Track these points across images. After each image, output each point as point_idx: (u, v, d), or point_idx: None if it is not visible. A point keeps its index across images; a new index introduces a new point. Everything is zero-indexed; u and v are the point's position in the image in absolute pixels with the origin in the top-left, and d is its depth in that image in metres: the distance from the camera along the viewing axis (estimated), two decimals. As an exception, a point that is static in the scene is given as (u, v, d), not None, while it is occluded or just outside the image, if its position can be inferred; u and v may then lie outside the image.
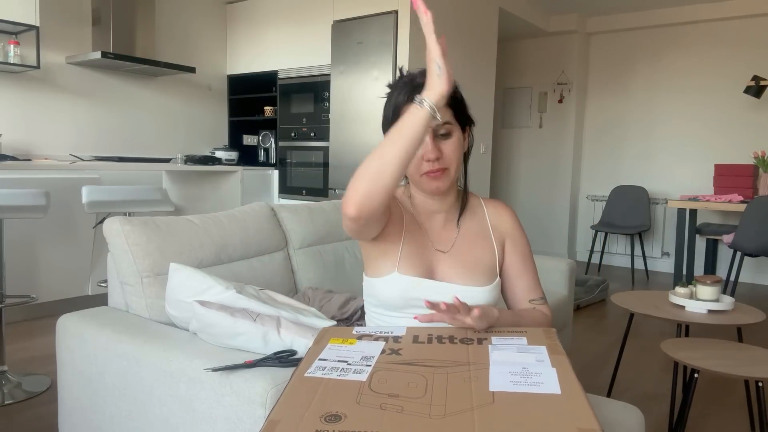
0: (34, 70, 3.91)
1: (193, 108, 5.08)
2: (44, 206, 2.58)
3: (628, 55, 6.02)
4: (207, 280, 1.38)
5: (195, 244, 1.64)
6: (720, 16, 5.40)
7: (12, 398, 2.36)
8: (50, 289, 3.55)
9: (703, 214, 5.54)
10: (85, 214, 3.63)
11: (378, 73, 4.11)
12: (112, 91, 4.50)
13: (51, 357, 2.81)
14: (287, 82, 4.83)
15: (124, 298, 1.59)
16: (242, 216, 1.85)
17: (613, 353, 3.19)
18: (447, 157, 1.18)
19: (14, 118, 3.95)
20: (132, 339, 1.38)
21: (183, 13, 4.94)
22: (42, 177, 3.46)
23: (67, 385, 1.54)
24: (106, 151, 4.45)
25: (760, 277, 5.45)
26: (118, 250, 1.55)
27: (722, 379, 2.80)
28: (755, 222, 3.90)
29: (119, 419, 1.39)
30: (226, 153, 4.83)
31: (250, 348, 1.29)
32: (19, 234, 3.39)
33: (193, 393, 1.22)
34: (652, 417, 2.36)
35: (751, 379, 1.74)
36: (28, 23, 3.65)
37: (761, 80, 5.04)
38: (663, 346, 1.98)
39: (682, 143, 5.77)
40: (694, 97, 5.67)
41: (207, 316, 1.29)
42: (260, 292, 1.48)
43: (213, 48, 5.21)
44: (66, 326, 1.53)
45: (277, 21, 4.89)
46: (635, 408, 1.41)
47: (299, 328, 1.30)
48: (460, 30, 4.55)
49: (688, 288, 2.29)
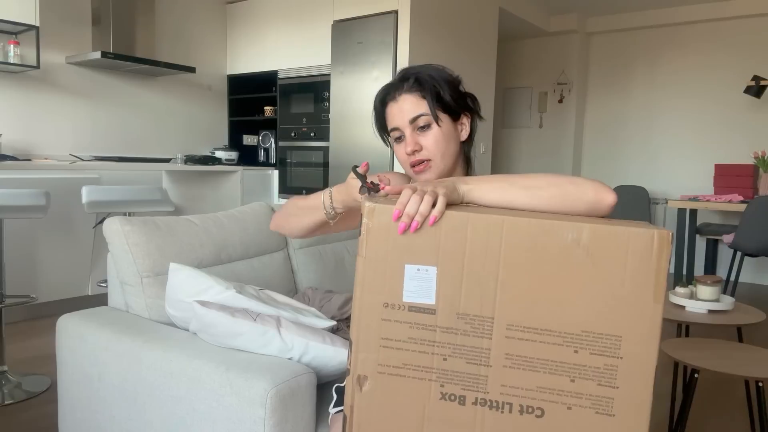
0: (34, 70, 3.91)
1: (193, 108, 5.08)
2: (44, 206, 2.58)
3: (628, 55, 6.01)
4: (207, 280, 1.38)
5: (195, 244, 1.64)
6: (720, 16, 5.40)
7: (12, 398, 2.36)
8: (50, 289, 3.55)
9: (703, 214, 5.53)
10: (85, 214, 3.62)
11: (378, 73, 4.11)
12: (112, 91, 4.49)
13: (51, 357, 2.81)
14: (287, 82, 4.83)
15: (124, 298, 1.59)
16: (242, 216, 1.85)
17: (613, 353, 3.18)
18: (428, 148, 1.18)
19: (14, 118, 3.94)
20: (132, 339, 1.38)
21: (183, 13, 4.94)
22: (42, 177, 3.46)
23: (67, 385, 1.54)
24: (106, 151, 4.44)
25: (760, 277, 5.45)
26: (118, 250, 1.54)
27: (722, 379, 2.80)
28: (755, 222, 3.90)
29: (119, 419, 1.39)
30: (226, 153, 4.83)
31: (250, 348, 1.28)
32: (19, 234, 3.39)
33: (193, 393, 1.22)
34: (652, 417, 2.36)
35: (751, 379, 1.74)
36: (28, 23, 3.65)
37: (761, 80, 5.04)
38: (663, 346, 1.98)
39: (682, 143, 5.76)
40: (694, 97, 5.67)
41: (207, 316, 1.29)
42: (260, 292, 1.47)
43: (213, 48, 5.21)
44: (66, 326, 1.53)
45: (277, 21, 4.88)
46: (635, 408, 1.41)
47: (299, 328, 1.30)
48: (460, 30, 4.55)
49: (688, 288, 2.29)
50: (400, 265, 0.81)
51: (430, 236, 0.81)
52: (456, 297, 0.81)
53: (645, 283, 0.78)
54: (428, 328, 0.82)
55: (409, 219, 0.81)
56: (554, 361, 0.80)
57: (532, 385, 0.80)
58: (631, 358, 0.79)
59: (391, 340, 0.82)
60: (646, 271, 0.77)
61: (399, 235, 0.81)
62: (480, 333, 0.81)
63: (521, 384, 0.81)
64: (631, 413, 0.80)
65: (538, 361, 0.80)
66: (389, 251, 0.82)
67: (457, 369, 0.82)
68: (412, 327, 0.82)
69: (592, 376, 0.79)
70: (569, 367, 0.80)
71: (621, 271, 0.78)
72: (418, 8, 4.07)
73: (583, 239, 0.78)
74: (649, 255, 0.77)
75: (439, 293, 0.81)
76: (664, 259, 0.77)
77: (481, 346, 0.81)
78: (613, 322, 0.78)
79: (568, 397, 0.80)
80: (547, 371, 0.80)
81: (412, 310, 0.82)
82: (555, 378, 0.80)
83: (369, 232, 0.82)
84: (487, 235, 0.80)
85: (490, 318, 0.80)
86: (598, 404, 0.80)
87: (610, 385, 0.79)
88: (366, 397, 0.84)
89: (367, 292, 0.82)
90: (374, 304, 0.82)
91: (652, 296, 0.78)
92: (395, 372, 0.83)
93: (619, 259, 0.78)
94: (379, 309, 0.82)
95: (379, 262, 0.82)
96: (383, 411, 0.84)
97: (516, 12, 5.29)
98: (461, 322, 0.81)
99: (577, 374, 0.79)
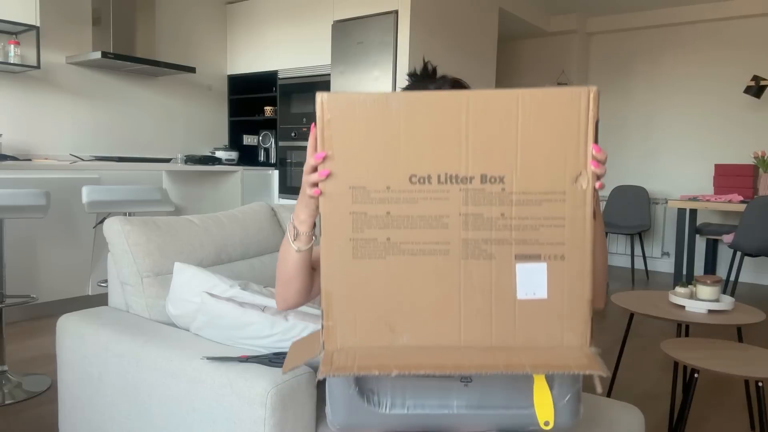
0: (34, 70, 3.91)
1: (193, 108, 5.08)
2: (44, 206, 2.58)
3: (628, 55, 6.01)
4: (211, 278, 1.39)
5: (195, 244, 1.64)
6: (720, 16, 5.40)
7: (12, 398, 2.36)
8: (50, 289, 3.55)
9: (703, 214, 5.53)
10: (85, 214, 3.62)
11: (378, 73, 4.11)
12: (112, 91, 4.50)
13: (51, 357, 2.81)
14: (287, 82, 4.83)
15: (124, 298, 1.59)
16: (242, 216, 1.85)
17: (613, 353, 3.19)
18: None
19: (14, 118, 3.94)
20: (132, 339, 1.38)
21: (183, 13, 4.94)
22: (42, 177, 3.46)
23: (67, 385, 1.54)
24: (106, 151, 4.44)
25: (760, 277, 5.45)
26: (119, 250, 1.55)
27: (722, 379, 2.80)
28: (755, 222, 3.90)
29: (119, 419, 1.39)
30: (226, 153, 4.83)
31: (259, 337, 1.29)
32: (19, 234, 3.39)
33: (193, 393, 1.22)
34: (652, 417, 2.36)
35: (751, 379, 1.74)
36: (28, 23, 3.65)
37: (761, 80, 5.04)
38: (663, 346, 1.98)
39: (682, 143, 5.76)
40: (694, 97, 5.67)
41: (216, 306, 1.30)
42: (264, 290, 1.48)
43: (213, 48, 5.21)
44: (66, 326, 1.54)
45: (277, 21, 4.89)
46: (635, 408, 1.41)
47: (307, 315, 1.30)
48: (460, 30, 4.55)
49: (688, 288, 2.29)
50: None
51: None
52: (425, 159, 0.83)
53: (576, 131, 0.82)
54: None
55: None
56: (504, 216, 0.84)
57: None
58: (573, 198, 0.83)
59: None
60: (576, 120, 0.82)
61: None
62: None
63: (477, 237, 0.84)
64: (577, 256, 0.84)
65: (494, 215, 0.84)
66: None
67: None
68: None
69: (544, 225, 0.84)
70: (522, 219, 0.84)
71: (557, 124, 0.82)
72: (418, 8, 4.07)
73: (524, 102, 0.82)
74: (578, 106, 0.81)
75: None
76: (592, 109, 0.81)
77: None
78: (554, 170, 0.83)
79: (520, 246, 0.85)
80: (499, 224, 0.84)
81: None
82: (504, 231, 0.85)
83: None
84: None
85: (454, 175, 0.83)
86: (553, 251, 0.84)
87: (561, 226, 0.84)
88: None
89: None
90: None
91: (584, 141, 0.82)
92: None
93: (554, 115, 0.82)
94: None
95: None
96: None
97: (516, 12, 5.29)
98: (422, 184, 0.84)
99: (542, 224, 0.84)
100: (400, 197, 0.84)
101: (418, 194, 0.84)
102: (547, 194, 0.83)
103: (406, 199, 0.84)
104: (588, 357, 0.84)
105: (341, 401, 0.97)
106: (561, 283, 0.85)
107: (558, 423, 0.95)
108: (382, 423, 0.97)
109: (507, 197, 0.83)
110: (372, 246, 0.85)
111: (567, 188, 0.83)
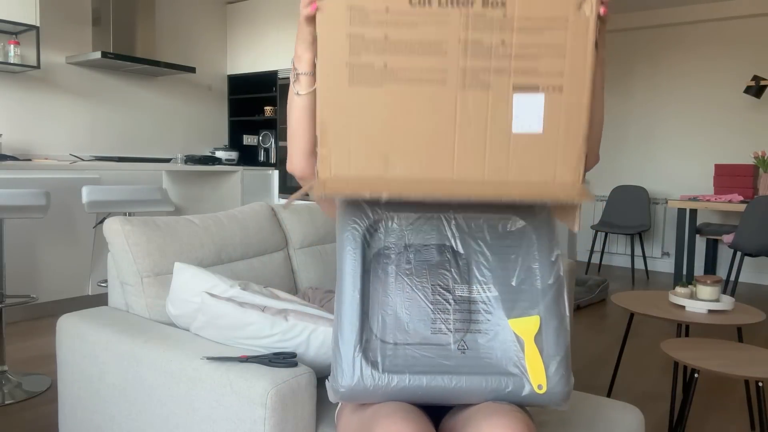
0: (34, 70, 3.91)
1: (193, 108, 5.08)
2: (44, 206, 2.58)
3: (628, 55, 6.01)
4: (212, 278, 1.39)
5: (195, 244, 1.64)
6: (720, 16, 5.40)
7: (12, 398, 2.36)
8: (50, 289, 3.55)
9: (703, 214, 5.53)
10: (85, 214, 3.62)
11: (378, 73, 4.11)
12: (112, 91, 4.50)
13: (51, 357, 2.81)
14: (287, 82, 4.82)
15: (124, 298, 1.59)
16: (242, 216, 1.85)
17: (613, 353, 3.19)
18: None
19: (14, 118, 3.95)
20: (132, 339, 1.38)
21: (183, 13, 4.94)
22: (42, 177, 3.46)
23: (67, 385, 1.54)
24: (106, 151, 4.45)
25: (760, 277, 5.45)
26: (118, 250, 1.55)
27: (722, 379, 2.80)
28: (755, 222, 3.90)
29: (119, 419, 1.39)
30: (226, 153, 4.83)
31: (259, 337, 1.29)
32: (19, 234, 3.39)
33: (193, 393, 1.22)
34: (652, 417, 2.36)
35: (751, 379, 1.74)
36: (28, 23, 3.65)
37: (761, 80, 5.04)
38: (663, 346, 1.98)
39: (682, 143, 5.76)
40: (694, 97, 5.67)
41: (216, 306, 1.30)
42: (264, 290, 1.48)
43: (213, 48, 5.21)
44: (66, 326, 1.54)
45: (277, 21, 4.89)
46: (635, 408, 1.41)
47: (306, 315, 1.30)
48: (460, 30, 4.55)
49: (688, 288, 2.29)
50: None
51: None
52: None
53: None
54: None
55: None
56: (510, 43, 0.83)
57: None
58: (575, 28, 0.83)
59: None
60: None
61: None
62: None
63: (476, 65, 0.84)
64: (575, 88, 0.84)
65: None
66: None
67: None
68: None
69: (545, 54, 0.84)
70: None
71: None
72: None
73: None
74: None
75: None
76: None
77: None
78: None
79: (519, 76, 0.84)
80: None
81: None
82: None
83: None
84: None
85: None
86: (551, 82, 0.84)
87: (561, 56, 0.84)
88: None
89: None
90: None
91: None
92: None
93: None
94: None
95: None
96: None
97: (516, 12, 5.29)
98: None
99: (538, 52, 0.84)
100: (399, 20, 0.81)
101: (418, 17, 0.81)
102: (548, 20, 0.82)
103: (405, 22, 0.82)
104: (578, 190, 0.85)
105: (347, 367, 0.98)
106: (557, 117, 0.84)
107: (550, 388, 0.97)
108: (384, 394, 0.98)
109: (508, 23, 0.81)
110: (369, 72, 0.83)
111: (570, 15, 0.81)
